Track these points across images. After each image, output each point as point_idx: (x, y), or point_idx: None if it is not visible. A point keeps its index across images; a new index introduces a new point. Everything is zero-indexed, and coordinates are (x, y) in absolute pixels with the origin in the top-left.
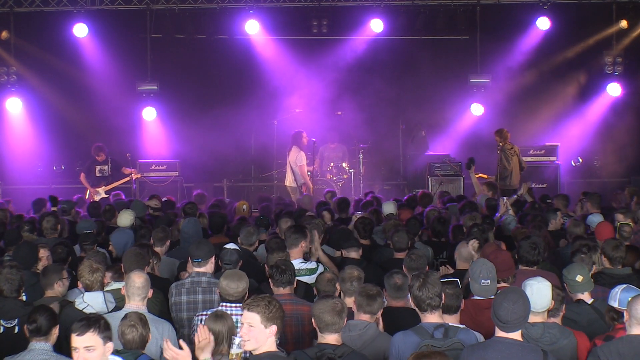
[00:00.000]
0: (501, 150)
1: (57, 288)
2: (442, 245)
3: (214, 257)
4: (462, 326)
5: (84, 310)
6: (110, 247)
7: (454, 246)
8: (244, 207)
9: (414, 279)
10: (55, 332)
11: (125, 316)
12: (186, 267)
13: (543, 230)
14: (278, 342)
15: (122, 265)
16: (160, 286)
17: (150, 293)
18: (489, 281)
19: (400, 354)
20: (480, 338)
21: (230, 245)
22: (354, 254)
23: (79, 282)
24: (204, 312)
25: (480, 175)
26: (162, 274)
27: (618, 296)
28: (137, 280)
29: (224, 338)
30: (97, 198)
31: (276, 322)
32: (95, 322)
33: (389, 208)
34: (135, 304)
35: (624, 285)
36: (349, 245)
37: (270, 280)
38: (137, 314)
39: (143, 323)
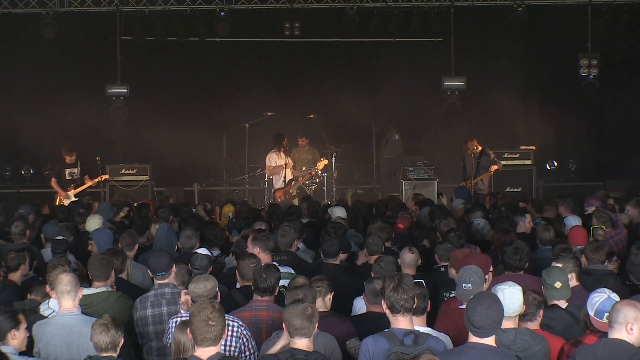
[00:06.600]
0: (476, 156)
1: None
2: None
3: (174, 265)
4: (432, 333)
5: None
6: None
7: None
8: (230, 213)
9: (388, 281)
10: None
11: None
12: None
13: (510, 235)
14: None
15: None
16: (130, 293)
17: (80, 293)
18: (470, 285)
19: (373, 358)
20: (449, 344)
21: (202, 250)
22: (332, 259)
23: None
24: (178, 316)
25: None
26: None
27: (596, 306)
28: (65, 278)
29: (190, 347)
30: (67, 202)
31: None
32: None
33: (339, 212)
34: (68, 306)
35: (605, 296)
36: (330, 254)
37: (252, 286)
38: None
39: (115, 326)
